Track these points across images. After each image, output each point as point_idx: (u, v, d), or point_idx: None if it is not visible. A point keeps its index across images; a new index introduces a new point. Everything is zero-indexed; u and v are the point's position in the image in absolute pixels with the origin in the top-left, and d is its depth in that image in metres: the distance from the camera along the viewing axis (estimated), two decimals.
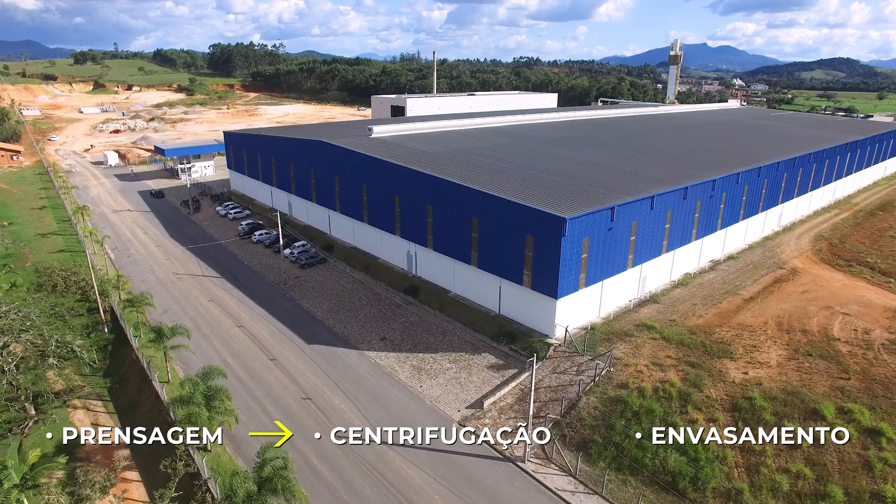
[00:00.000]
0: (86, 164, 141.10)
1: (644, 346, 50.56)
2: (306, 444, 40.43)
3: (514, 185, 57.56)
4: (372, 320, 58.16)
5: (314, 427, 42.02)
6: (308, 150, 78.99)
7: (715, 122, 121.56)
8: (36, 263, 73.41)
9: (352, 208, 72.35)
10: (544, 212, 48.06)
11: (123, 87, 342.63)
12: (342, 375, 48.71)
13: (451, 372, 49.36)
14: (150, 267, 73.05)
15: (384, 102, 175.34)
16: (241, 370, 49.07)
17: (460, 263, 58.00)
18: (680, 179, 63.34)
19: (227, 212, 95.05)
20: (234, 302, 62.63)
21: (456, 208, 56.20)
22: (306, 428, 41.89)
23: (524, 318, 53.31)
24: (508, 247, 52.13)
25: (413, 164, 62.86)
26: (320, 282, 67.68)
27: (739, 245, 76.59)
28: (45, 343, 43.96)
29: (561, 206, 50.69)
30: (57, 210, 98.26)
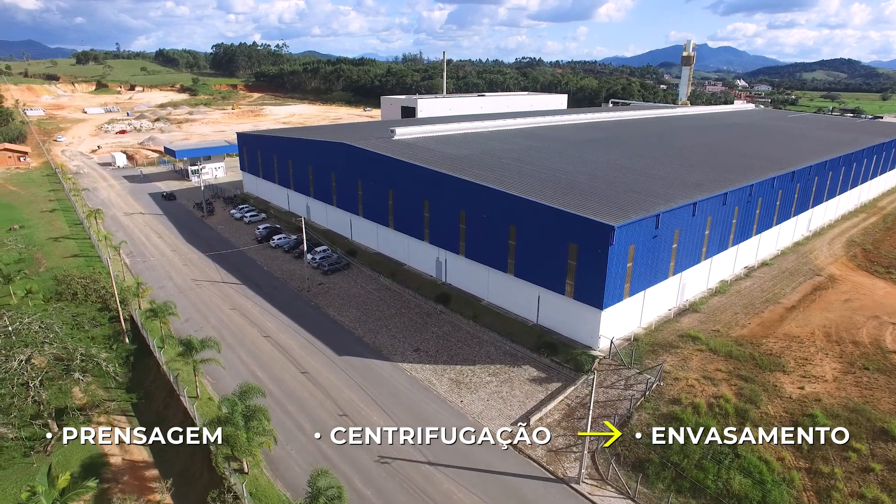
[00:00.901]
0: (93, 165, 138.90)
1: (692, 358, 48.55)
2: (348, 465, 38.37)
3: (549, 190, 55.53)
4: (403, 330, 56.09)
5: (356, 447, 39.91)
6: (330, 152, 76.89)
7: (734, 123, 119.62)
8: (50, 269, 71.28)
9: (376, 212, 70.27)
10: (591, 219, 46.02)
11: (126, 88, 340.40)
12: (378, 389, 46.62)
13: (491, 385, 47.30)
14: (167, 273, 70.93)
15: (394, 103, 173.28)
16: (272, 384, 46.95)
17: (495, 271, 55.95)
18: (719, 184, 61.35)
19: (243, 215, 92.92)
20: (257, 310, 60.50)
21: (492, 214, 54.14)
22: (347, 448, 39.75)
23: (565, 329, 51.26)
24: (549, 255, 50.09)
25: (442, 168, 60.81)
26: (345, 289, 65.58)
27: (771, 251, 74.68)
28: (70, 356, 41.80)
29: (604, 212, 48.68)
30: (68, 213, 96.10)
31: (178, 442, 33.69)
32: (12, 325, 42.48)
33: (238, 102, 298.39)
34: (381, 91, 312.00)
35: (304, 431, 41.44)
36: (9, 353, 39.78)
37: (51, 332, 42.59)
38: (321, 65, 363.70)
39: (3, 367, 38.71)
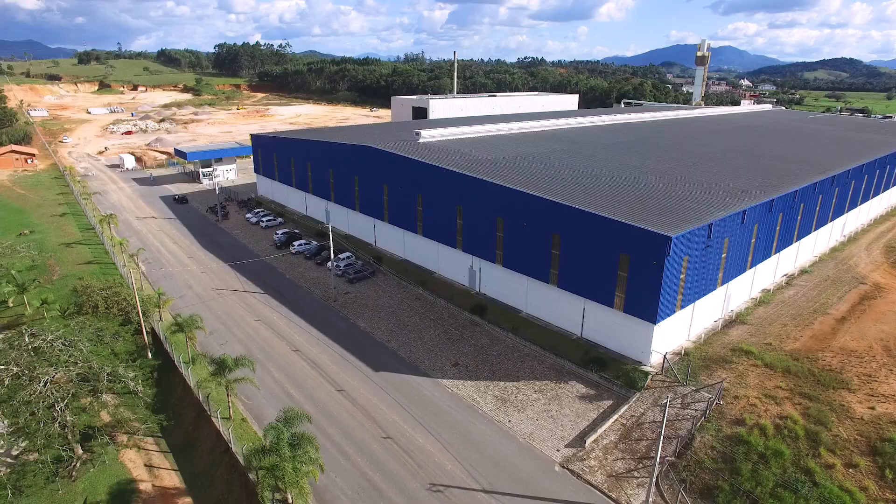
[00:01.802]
0: (101, 167, 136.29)
1: (748, 374, 46.09)
2: (397, 493, 35.88)
3: (592, 196, 53.04)
4: (439, 343, 53.58)
5: (403, 473, 37.48)
6: (353, 155, 74.36)
7: (758, 125, 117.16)
8: (64, 276, 68.76)
9: (403, 218, 67.75)
10: (646, 229, 43.53)
11: (129, 88, 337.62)
12: (420, 409, 44.11)
13: (539, 403, 44.82)
14: (185, 281, 68.37)
15: (405, 104, 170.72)
16: (308, 403, 44.43)
17: (535, 282, 53.46)
18: (764, 190, 58.94)
19: (259, 219, 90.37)
20: (283, 322, 57.96)
21: (533, 222, 51.64)
22: (395, 475, 37.33)
23: (613, 343, 48.78)
24: (597, 265, 47.59)
25: (476, 173, 58.31)
26: (373, 298, 63.05)
27: (809, 258, 72.31)
28: (96, 376, 39.25)
29: (656, 221, 46.21)
30: (79, 217, 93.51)
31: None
32: (34, 342, 39.87)
33: (242, 102, 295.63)
34: (387, 91, 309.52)
35: (348, 456, 38.93)
36: (32, 373, 37.23)
37: (75, 350, 40.03)
38: (325, 65, 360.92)
39: (28, 388, 36.15)
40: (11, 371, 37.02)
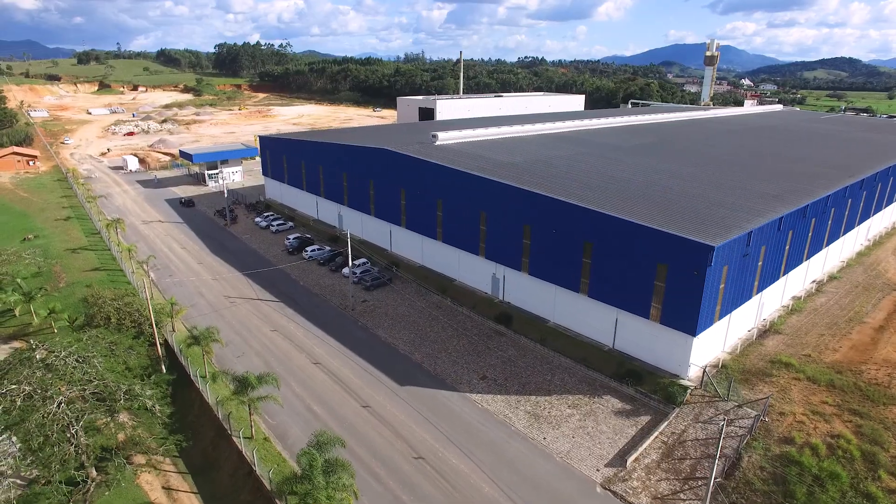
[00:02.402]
0: (104, 168, 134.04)
1: (791, 388, 44.18)
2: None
3: (624, 202, 51.08)
4: (464, 354, 51.60)
5: (439, 497, 35.50)
6: (368, 158, 72.31)
7: (773, 126, 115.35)
8: (71, 284, 66.67)
9: (421, 224, 65.74)
10: (687, 238, 41.59)
11: (129, 88, 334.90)
12: (450, 426, 42.13)
13: (573, 419, 42.87)
14: (196, 289, 66.27)
15: (411, 104, 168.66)
16: (333, 421, 42.43)
17: (564, 290, 51.50)
18: (797, 195, 57.05)
19: (269, 223, 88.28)
20: (301, 332, 55.92)
21: (564, 230, 49.67)
22: (430, 499, 35.35)
23: (647, 355, 46.84)
24: (632, 275, 45.64)
25: (497, 177, 56.32)
26: (392, 307, 61.04)
27: (836, 263, 70.46)
28: (111, 394, 37.19)
29: (694, 229, 44.29)
30: (83, 221, 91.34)
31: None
32: (47, 359, 37.79)
33: (244, 103, 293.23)
34: (390, 91, 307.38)
35: (380, 479, 36.93)
36: (46, 392, 35.16)
37: (89, 366, 37.96)
38: (327, 64, 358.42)
39: (42, 409, 34.09)
40: (23, 390, 34.92)
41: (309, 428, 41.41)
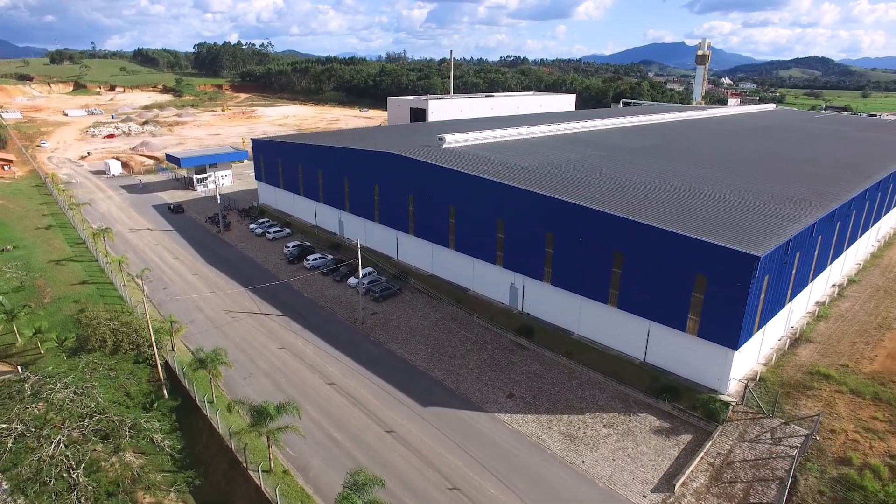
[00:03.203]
0: (85, 173, 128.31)
1: (836, 402, 42.30)
2: None
3: (650, 209, 48.80)
4: (487, 370, 48.82)
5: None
6: (372, 162, 69.08)
7: (773, 126, 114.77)
8: (57, 299, 62.31)
9: (431, 231, 62.79)
10: (730, 248, 39.38)
11: (106, 88, 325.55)
12: (482, 451, 39.33)
13: (611, 440, 40.40)
14: (194, 303, 62.41)
15: (402, 105, 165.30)
16: (357, 449, 39.32)
17: (590, 301, 49.04)
18: (823, 199, 55.45)
19: (265, 230, 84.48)
20: (310, 349, 52.59)
21: (592, 238, 47.17)
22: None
23: (683, 369, 44.59)
24: (666, 286, 43.33)
25: (515, 182, 53.67)
26: (404, 319, 58.00)
27: (852, 266, 69.31)
28: (115, 429, 33.62)
29: (732, 237, 42.15)
30: (66, 230, 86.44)
31: None
32: (41, 392, 34.04)
33: (226, 103, 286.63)
34: (375, 91, 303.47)
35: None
36: (40, 433, 31.45)
37: (89, 398, 34.32)
38: (310, 64, 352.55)
39: (38, 452, 30.42)
40: (15, 430, 31.20)
41: (331, 458, 38.35)
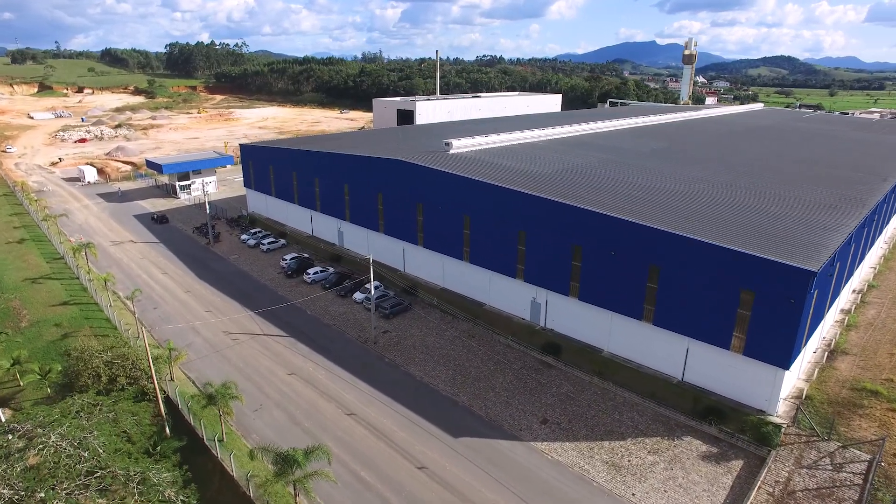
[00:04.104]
0: (57, 180, 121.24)
1: (892, 423, 40.33)
2: None
3: (682, 219, 46.32)
4: (515, 393, 45.71)
5: None
6: (376, 169, 65.36)
7: (769, 126, 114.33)
8: (35, 323, 57.18)
9: (443, 242, 59.43)
10: (782, 263, 37.02)
11: (74, 90, 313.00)
12: (524, 486, 36.21)
13: (658, 469, 37.68)
14: (188, 323, 57.89)
15: (389, 106, 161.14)
16: (389, 491, 35.79)
17: (622, 317, 46.33)
18: (850, 204, 53.76)
19: (258, 241, 79.97)
20: (322, 374, 48.71)
21: (625, 251, 44.43)
22: None
23: (726, 389, 42.16)
24: (708, 302, 40.84)
25: (530, 189, 50.70)
26: (419, 337, 54.53)
27: (867, 270, 68.20)
28: (122, 484, 29.50)
29: (780, 251, 39.83)
30: (42, 244, 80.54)
31: None
32: (31, 445, 29.67)
33: (202, 105, 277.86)
34: (355, 92, 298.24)
35: None
36: (33, 497, 27.15)
37: (89, 451, 30.08)
38: (288, 65, 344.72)
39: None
40: (2, 496, 26.88)
41: (362, 502, 34.72)
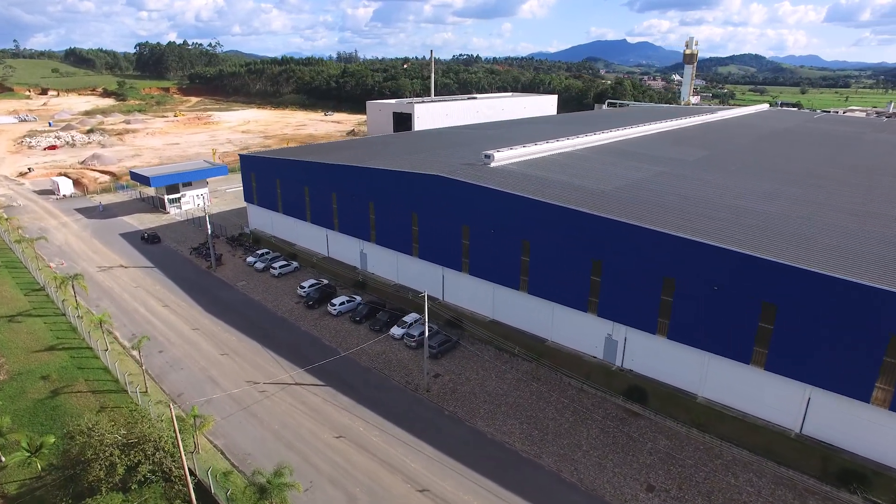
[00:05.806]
0: (27, 193, 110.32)
1: None
2: None
3: (794, 247, 40.64)
4: (606, 452, 39.31)
5: None
6: (409, 185, 58.24)
7: (789, 128, 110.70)
8: (16, 375, 48.40)
9: (493, 269, 52.71)
10: None
11: (37, 91, 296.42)
12: None
13: None
14: (204, 371, 49.85)
15: (384, 109, 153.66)
16: None
17: (721, 359, 40.36)
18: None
19: (267, 265, 71.92)
20: (376, 436, 41.36)
21: (731, 286, 38.42)
22: None
23: (860, 446, 36.48)
24: (840, 347, 35.09)
25: (609, 213, 44.47)
26: (477, 382, 47.71)
27: None
28: None
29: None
30: (17, 272, 71.01)
31: None
32: None
33: (178, 108, 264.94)
34: (339, 93, 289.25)
35: None
36: None
37: None
38: (266, 65, 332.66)
39: None
40: None
41: None
